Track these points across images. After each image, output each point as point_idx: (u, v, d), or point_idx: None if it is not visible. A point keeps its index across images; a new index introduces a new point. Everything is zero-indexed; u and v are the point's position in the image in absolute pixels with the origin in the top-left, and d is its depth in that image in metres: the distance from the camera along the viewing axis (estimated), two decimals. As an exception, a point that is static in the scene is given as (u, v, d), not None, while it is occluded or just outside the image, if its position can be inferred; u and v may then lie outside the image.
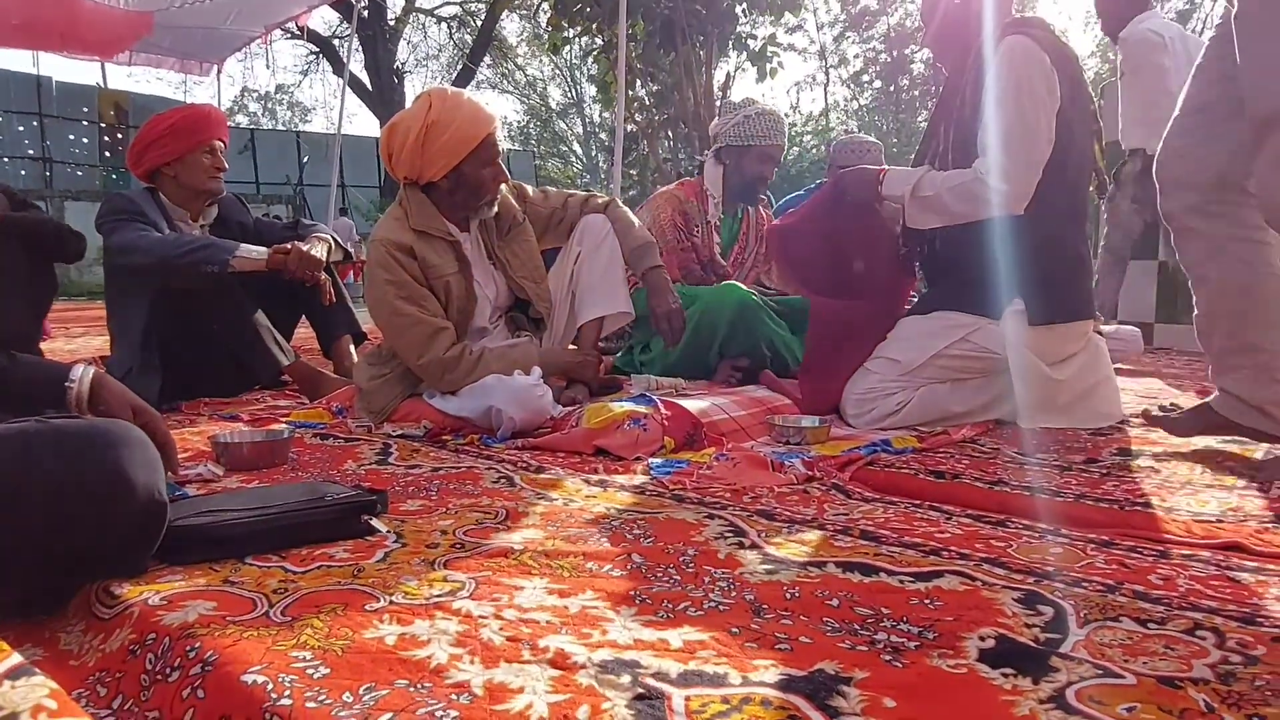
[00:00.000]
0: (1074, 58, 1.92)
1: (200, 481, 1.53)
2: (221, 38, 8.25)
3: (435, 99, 2.04)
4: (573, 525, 1.24)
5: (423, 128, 2.00)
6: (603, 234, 2.25)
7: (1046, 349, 1.92)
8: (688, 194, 2.75)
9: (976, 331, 1.94)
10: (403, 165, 2.07)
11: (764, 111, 2.64)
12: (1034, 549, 1.11)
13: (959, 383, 1.99)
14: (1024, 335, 1.89)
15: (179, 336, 2.43)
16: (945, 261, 2.02)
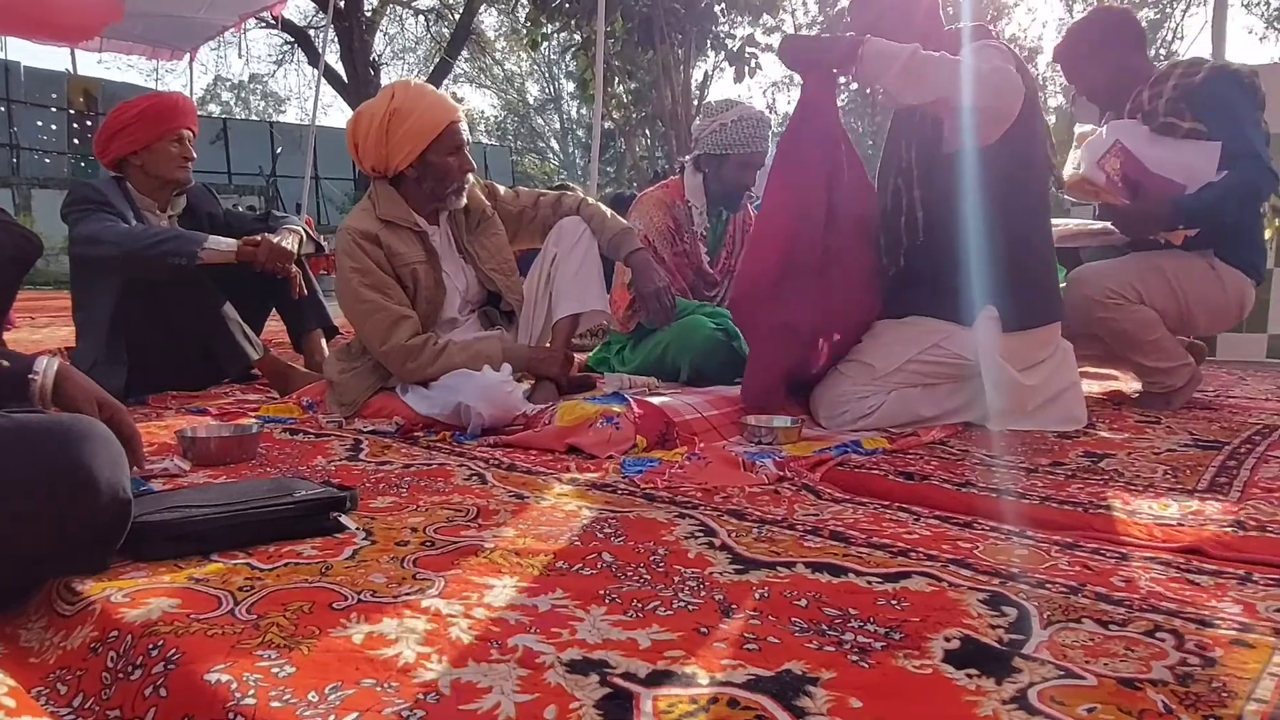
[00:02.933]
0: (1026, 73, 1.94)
1: (166, 476, 1.51)
2: (195, 26, 8.13)
3: (398, 89, 2.08)
4: (544, 524, 1.24)
5: (385, 115, 2.02)
6: (578, 234, 2.25)
7: (1018, 354, 1.95)
8: (674, 196, 2.72)
9: (949, 338, 1.96)
10: (368, 155, 2.08)
11: (743, 117, 2.57)
12: (1000, 550, 1.13)
13: (930, 387, 2.01)
14: (996, 342, 1.92)
15: (146, 329, 2.39)
16: (918, 268, 2.04)
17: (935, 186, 1.98)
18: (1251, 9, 19.89)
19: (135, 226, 2.41)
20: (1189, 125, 2.15)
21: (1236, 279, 2.23)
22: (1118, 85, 2.30)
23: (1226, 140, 2.09)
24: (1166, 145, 2.17)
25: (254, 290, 2.64)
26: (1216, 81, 2.15)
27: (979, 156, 1.90)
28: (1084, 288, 2.21)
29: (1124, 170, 2.18)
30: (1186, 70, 2.20)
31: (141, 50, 8.82)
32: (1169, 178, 2.14)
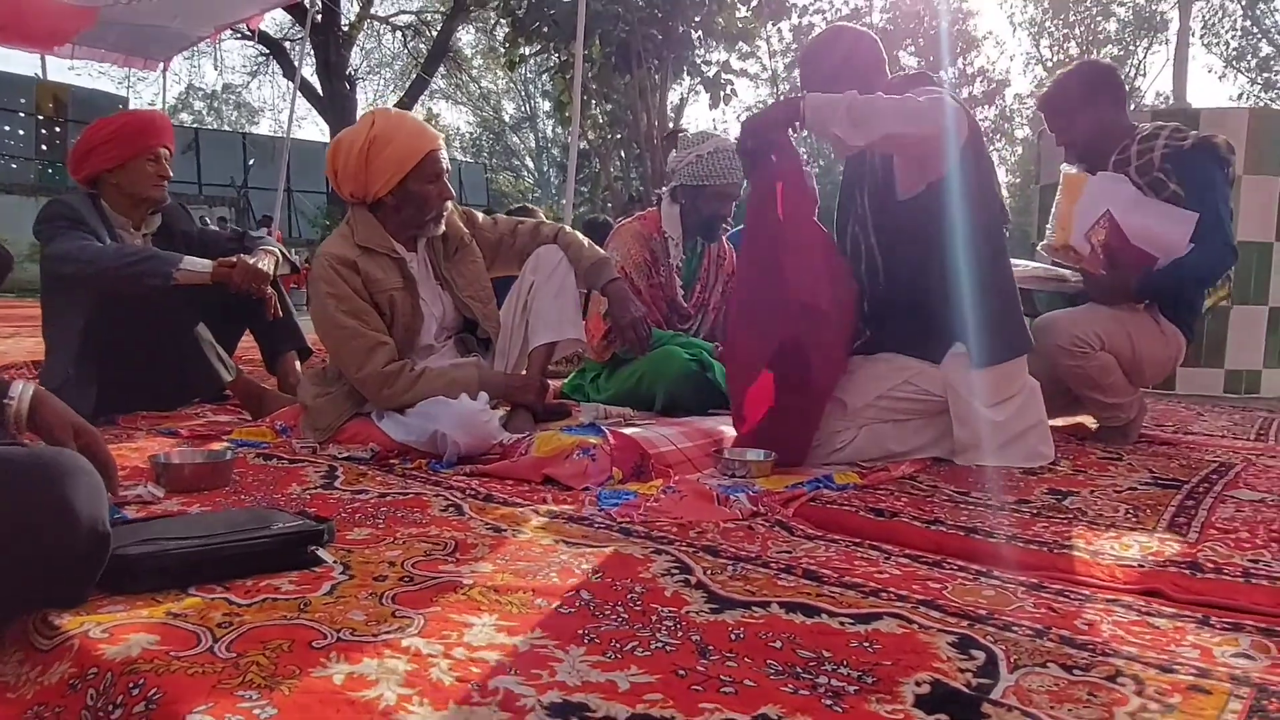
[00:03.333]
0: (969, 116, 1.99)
1: (140, 503, 1.50)
2: (169, 36, 8.06)
3: (378, 116, 2.10)
4: (521, 559, 1.25)
5: (365, 142, 2.03)
6: (555, 262, 2.27)
7: (987, 390, 1.99)
8: (650, 229, 2.75)
9: (919, 375, 2.00)
10: (348, 181, 2.09)
11: (719, 149, 2.62)
12: (968, 591, 1.15)
13: (900, 423, 2.05)
14: (965, 379, 1.96)
15: (117, 348, 2.37)
16: (886, 305, 2.09)
17: (891, 232, 2.05)
18: (1211, 49, 20.53)
19: (110, 245, 2.40)
20: (1174, 187, 2.25)
21: (1176, 335, 2.34)
22: (1097, 140, 2.38)
23: (1202, 213, 2.19)
24: (1149, 210, 2.25)
25: (228, 311, 2.62)
26: (1201, 153, 2.25)
27: (930, 199, 1.96)
28: (1052, 337, 2.28)
29: (1107, 240, 2.27)
30: (1174, 134, 2.29)
31: (114, 59, 8.72)
32: (1145, 249, 2.24)
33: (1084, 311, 2.33)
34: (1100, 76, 2.44)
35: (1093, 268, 2.33)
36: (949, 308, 1.95)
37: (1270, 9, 19.82)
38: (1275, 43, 19.97)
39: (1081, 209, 2.32)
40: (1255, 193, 3.81)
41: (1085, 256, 2.33)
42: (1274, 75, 20.39)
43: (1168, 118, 3.91)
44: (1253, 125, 3.85)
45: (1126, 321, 2.29)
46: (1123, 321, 2.28)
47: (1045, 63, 24.01)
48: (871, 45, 2.19)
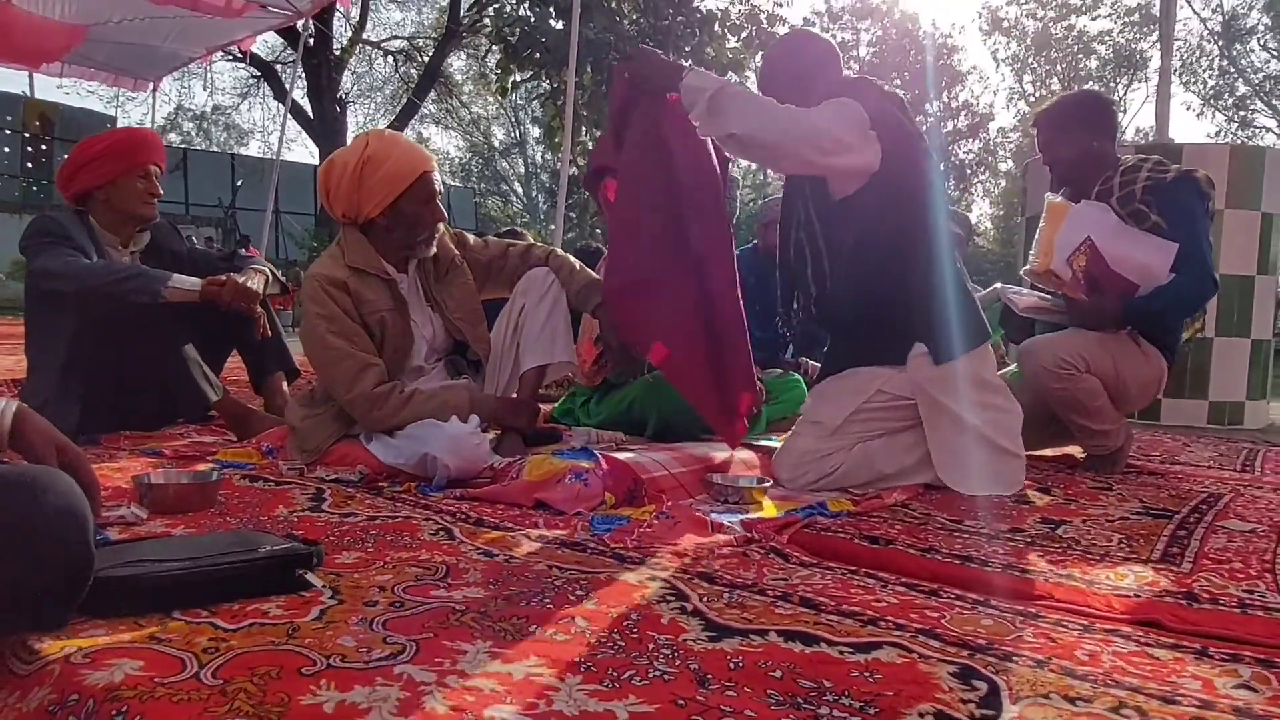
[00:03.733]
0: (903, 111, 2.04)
1: (123, 524, 1.46)
2: (159, 56, 8.07)
3: (372, 137, 2.09)
4: (514, 584, 1.23)
5: (359, 162, 2.03)
6: (546, 285, 2.26)
7: (953, 384, 2.00)
8: None
9: (889, 381, 2.02)
10: (340, 201, 2.08)
11: None
12: (966, 620, 1.14)
13: (891, 439, 2.05)
14: (930, 376, 1.99)
15: (102, 366, 2.34)
16: (840, 309, 2.12)
17: (835, 232, 2.08)
18: (1189, 87, 20.95)
19: (97, 262, 2.37)
20: (1155, 218, 2.28)
21: (1158, 358, 2.37)
22: (1083, 166, 2.41)
23: (1183, 243, 2.22)
24: (1130, 239, 2.28)
25: (216, 330, 2.60)
26: (1182, 186, 2.29)
27: (867, 197, 1.98)
28: (1038, 359, 2.29)
29: (1088, 267, 2.29)
30: (1156, 166, 2.33)
31: (103, 77, 8.72)
32: (1126, 277, 2.26)
33: (1067, 335, 2.35)
34: (1098, 106, 2.48)
35: (1074, 293, 2.35)
36: (902, 307, 1.99)
37: (1246, 49, 20.28)
38: (1251, 82, 20.40)
39: (1063, 235, 2.35)
40: (1236, 226, 3.87)
41: (1066, 281, 2.35)
42: (1250, 114, 20.83)
43: (1150, 152, 3.99)
44: (1234, 161, 3.92)
45: (1109, 345, 2.31)
46: (1106, 345, 2.30)
47: (1028, 98, 24.44)
48: (816, 48, 2.20)
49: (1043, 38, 23.67)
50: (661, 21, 6.10)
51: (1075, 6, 23.21)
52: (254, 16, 6.61)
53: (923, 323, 1.99)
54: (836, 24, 23.09)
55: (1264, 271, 3.96)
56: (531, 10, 6.29)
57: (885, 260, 1.99)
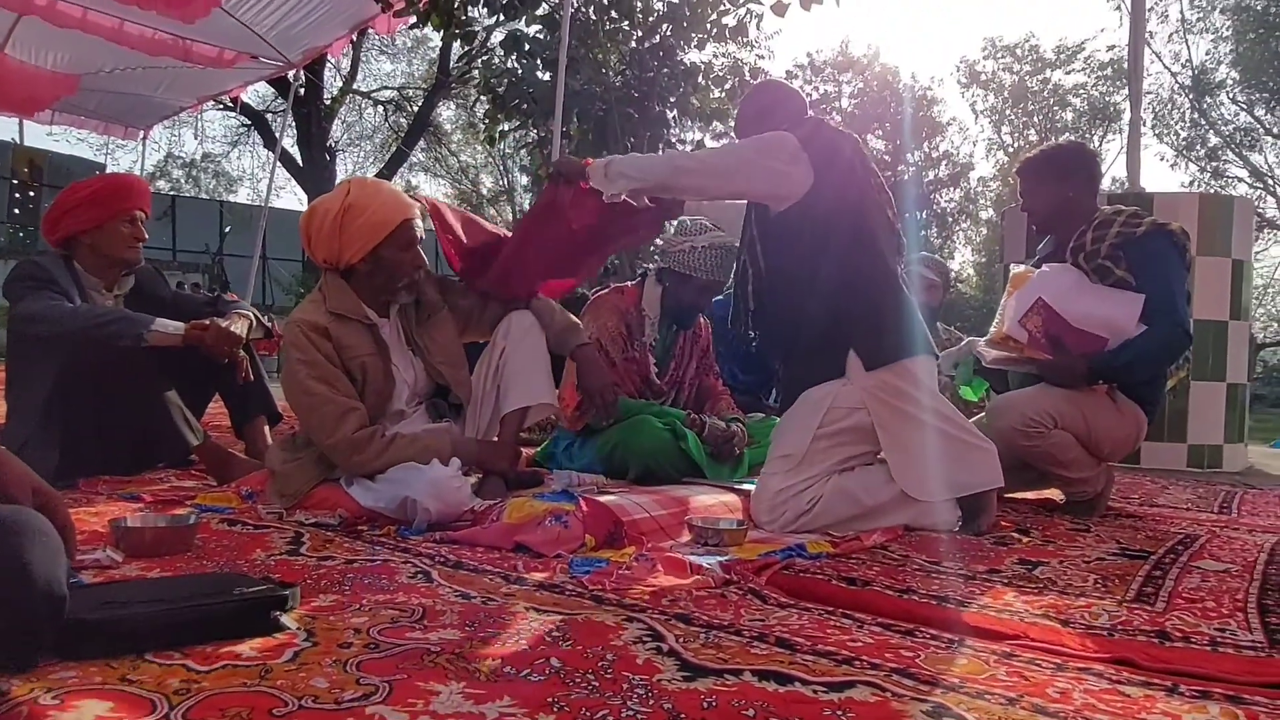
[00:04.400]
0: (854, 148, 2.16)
1: (98, 568, 1.45)
2: (151, 105, 8.17)
3: (353, 185, 2.12)
4: (491, 626, 1.22)
5: (340, 210, 2.05)
6: (526, 327, 2.28)
7: (894, 389, 2.04)
8: (629, 303, 2.75)
9: (838, 395, 2.05)
10: (321, 247, 2.09)
11: (714, 244, 2.62)
12: (941, 659, 1.15)
13: (864, 471, 2.07)
14: (870, 383, 2.03)
15: (82, 410, 2.33)
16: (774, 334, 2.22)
17: (771, 246, 2.17)
18: (1163, 139, 21.47)
19: (80, 306, 2.38)
20: (1121, 273, 2.30)
21: (1134, 411, 2.38)
22: (1061, 215, 2.44)
23: (1152, 295, 2.25)
24: (1092, 295, 2.31)
25: (198, 373, 2.59)
26: (1154, 239, 2.31)
27: (803, 211, 2.08)
28: (1006, 419, 2.31)
29: (1046, 327, 2.32)
30: (1128, 221, 2.35)
31: (94, 125, 8.81)
32: (1092, 332, 2.28)
33: (1035, 392, 2.36)
34: (1077, 158, 2.52)
35: (1037, 353, 2.37)
36: (832, 319, 2.06)
37: (1216, 102, 20.84)
38: (1221, 134, 20.94)
39: (1018, 299, 2.38)
40: (1208, 273, 3.94)
41: (1026, 344, 2.37)
42: (1222, 164, 21.33)
43: (1123, 201, 4.08)
44: (1203, 209, 4.01)
45: (1079, 400, 2.31)
46: (1075, 401, 2.31)
47: (1007, 148, 24.96)
48: (776, 91, 2.36)
49: (1019, 91, 24.25)
50: (646, 73, 6.23)
51: (1050, 61, 23.86)
52: (245, 67, 6.71)
53: (852, 330, 2.05)
54: (819, 76, 23.60)
55: (1237, 316, 4.03)
56: (519, 62, 6.41)
57: (813, 274, 2.07)
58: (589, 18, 6.17)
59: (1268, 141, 20.70)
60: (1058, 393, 2.33)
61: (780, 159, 2.08)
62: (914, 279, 3.68)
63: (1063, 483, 2.44)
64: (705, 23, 5.95)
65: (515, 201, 27.67)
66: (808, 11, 4.91)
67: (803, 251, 2.10)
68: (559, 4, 5.63)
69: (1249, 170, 21.01)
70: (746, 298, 2.25)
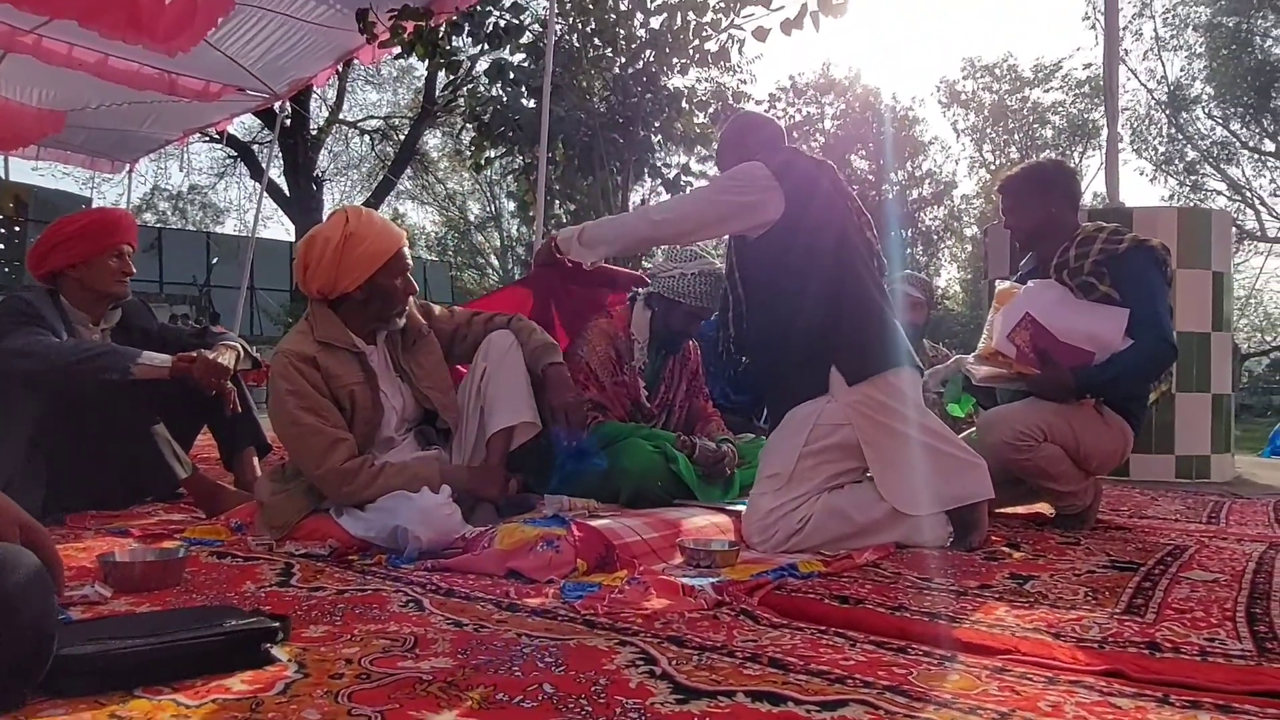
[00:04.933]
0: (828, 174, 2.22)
1: (86, 604, 1.44)
2: (137, 139, 8.18)
3: (350, 214, 2.15)
4: (483, 653, 1.22)
5: (342, 238, 2.08)
6: (506, 347, 2.29)
7: (879, 403, 2.05)
8: (618, 327, 2.76)
9: (822, 413, 2.06)
10: (319, 276, 2.10)
11: (704, 272, 2.63)
12: (933, 676, 1.15)
13: (854, 488, 2.07)
14: (853, 399, 2.05)
15: (69, 445, 2.32)
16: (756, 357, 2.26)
17: (751, 271, 2.22)
18: (1141, 154, 21.76)
19: (66, 341, 2.38)
20: (1105, 289, 2.34)
21: (1121, 424, 2.41)
22: (1044, 233, 2.48)
23: (1136, 310, 2.29)
24: (1077, 310, 2.34)
25: (186, 406, 2.59)
26: (1136, 255, 2.35)
27: (779, 235, 2.13)
28: (996, 433, 2.33)
29: (1034, 341, 2.34)
30: (1110, 237, 2.39)
31: (80, 160, 8.82)
32: (1079, 346, 2.31)
33: (1025, 406, 2.38)
34: (1058, 175, 2.56)
35: (1026, 368, 2.39)
36: (811, 337, 2.08)
37: (1193, 117, 21.16)
38: (1199, 148, 21.24)
39: (1005, 314, 2.41)
40: (1189, 286, 3.99)
41: (1014, 359, 2.39)
42: (1201, 178, 21.61)
43: (1103, 217, 4.13)
44: (1182, 223, 4.07)
45: (1068, 414, 2.34)
46: (1064, 414, 2.33)
47: (988, 166, 25.23)
48: (751, 123, 2.44)
49: (999, 109, 24.56)
50: (630, 99, 6.29)
51: (1028, 80, 24.19)
52: (231, 100, 6.73)
53: (834, 348, 2.08)
54: (801, 99, 23.81)
55: (1219, 328, 4.07)
56: (504, 90, 6.47)
57: (793, 296, 2.11)
58: (573, 45, 6.24)
59: (1244, 155, 21.02)
60: (1047, 407, 2.35)
61: (751, 192, 2.14)
62: (898, 297, 3.72)
63: (1052, 496, 2.45)
64: (688, 48, 6.01)
65: (503, 227, 27.78)
66: (789, 36, 4.98)
67: (781, 275, 2.13)
68: (543, 32, 5.69)
69: (1227, 183, 21.30)
70: (728, 324, 2.29)
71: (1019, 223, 2.53)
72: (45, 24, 4.87)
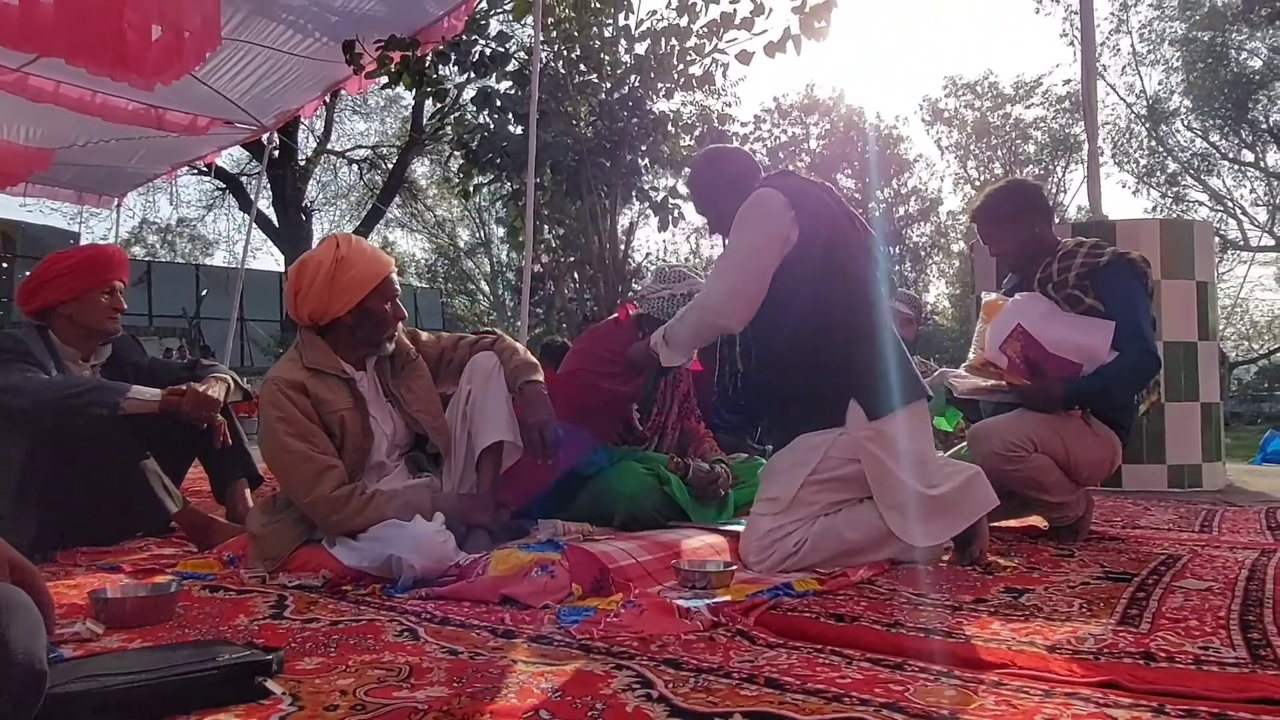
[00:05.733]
0: (828, 193, 2.19)
1: (77, 641, 1.43)
2: (125, 174, 8.19)
3: (340, 240, 2.17)
4: (479, 681, 1.22)
5: (333, 263, 2.10)
6: (491, 369, 2.29)
7: (892, 440, 2.02)
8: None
9: (834, 444, 2.03)
10: (310, 301, 2.11)
11: (693, 292, 2.61)
12: (930, 692, 1.15)
13: (850, 510, 2.06)
14: (869, 434, 2.01)
15: (58, 481, 2.30)
16: (767, 385, 2.18)
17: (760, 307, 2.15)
18: (1123, 167, 22.01)
19: (55, 377, 2.37)
20: (1090, 302, 2.38)
21: (1109, 435, 2.43)
22: (1026, 253, 2.51)
23: (1120, 322, 2.32)
24: (1065, 322, 2.37)
25: (177, 439, 2.58)
26: (1117, 269, 2.39)
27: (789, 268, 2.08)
28: (987, 444, 2.35)
29: (1024, 352, 2.37)
30: (1091, 251, 2.43)
31: (68, 196, 8.82)
32: (1067, 358, 2.34)
33: (1015, 417, 2.40)
34: (1026, 194, 2.59)
35: (1016, 378, 2.41)
36: (829, 370, 2.04)
37: (1172, 130, 21.44)
38: (1179, 160, 21.50)
39: (995, 326, 2.43)
40: (1173, 296, 4.03)
41: (1005, 369, 2.41)
42: (1182, 189, 21.88)
43: (1086, 230, 4.17)
44: (1165, 234, 4.11)
45: (1057, 425, 2.36)
46: (1053, 425, 2.36)
47: (973, 182, 25.48)
48: (724, 156, 2.39)
49: (982, 126, 24.85)
50: (616, 124, 6.34)
51: (1009, 97, 24.49)
52: (219, 133, 6.76)
53: (854, 382, 2.04)
54: (786, 119, 24.07)
55: (1205, 337, 4.11)
56: (491, 118, 6.51)
57: (805, 327, 2.07)
58: (558, 72, 6.29)
59: (1224, 166, 21.28)
60: (1036, 418, 2.37)
61: (779, 222, 2.07)
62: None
63: (1045, 508, 2.46)
64: (672, 73, 6.08)
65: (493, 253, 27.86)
66: (771, 59, 5.04)
67: (793, 305, 2.07)
68: (528, 60, 5.75)
69: (1208, 194, 21.55)
70: (734, 360, 2.22)
71: (1006, 248, 2.56)
72: (32, 61, 4.89)
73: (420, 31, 5.32)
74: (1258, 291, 24.29)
